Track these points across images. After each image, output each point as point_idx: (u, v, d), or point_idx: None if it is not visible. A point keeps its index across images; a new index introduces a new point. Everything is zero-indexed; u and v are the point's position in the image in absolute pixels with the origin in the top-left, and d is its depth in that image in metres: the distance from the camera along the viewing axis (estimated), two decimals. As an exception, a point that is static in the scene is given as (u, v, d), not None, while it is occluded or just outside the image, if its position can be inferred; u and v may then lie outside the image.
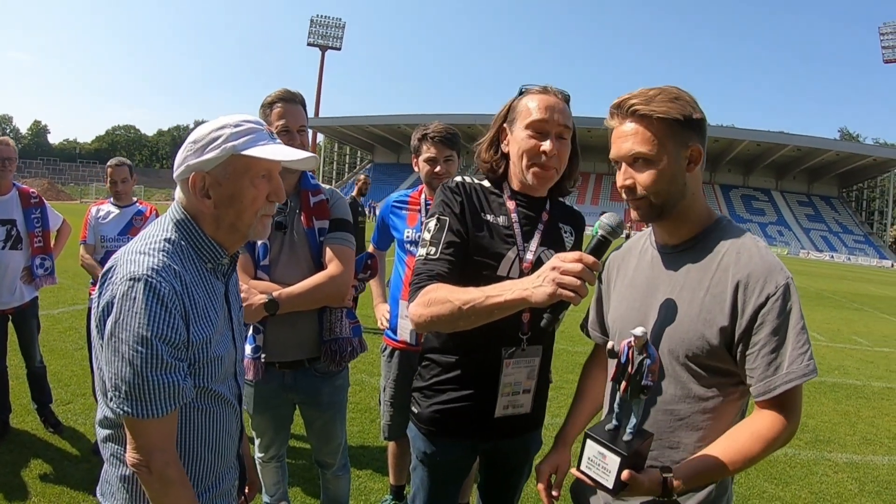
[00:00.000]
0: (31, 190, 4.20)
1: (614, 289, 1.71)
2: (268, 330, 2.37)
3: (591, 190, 71.10)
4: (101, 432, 1.42)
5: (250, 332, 2.35)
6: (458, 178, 1.92)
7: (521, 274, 1.78)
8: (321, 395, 2.54)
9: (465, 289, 1.58)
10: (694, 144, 1.45)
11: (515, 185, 1.91)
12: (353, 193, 7.72)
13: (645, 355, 1.35)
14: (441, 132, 2.96)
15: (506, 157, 1.90)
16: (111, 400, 1.29)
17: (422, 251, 1.78)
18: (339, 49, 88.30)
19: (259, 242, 2.34)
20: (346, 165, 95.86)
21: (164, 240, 1.36)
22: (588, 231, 1.78)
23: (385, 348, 3.18)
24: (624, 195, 1.51)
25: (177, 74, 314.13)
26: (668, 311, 1.48)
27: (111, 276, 1.30)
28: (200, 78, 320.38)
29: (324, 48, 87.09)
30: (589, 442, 1.39)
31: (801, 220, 68.57)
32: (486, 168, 1.93)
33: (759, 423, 1.37)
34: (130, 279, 1.26)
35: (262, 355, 2.37)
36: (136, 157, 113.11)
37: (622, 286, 1.67)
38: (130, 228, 4.18)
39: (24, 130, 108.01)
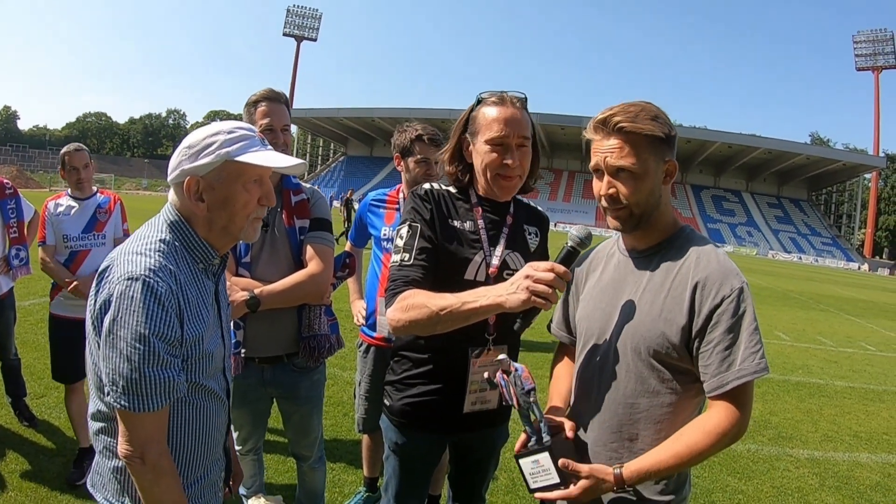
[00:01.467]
0: (5, 180, 4.12)
1: (583, 291, 1.80)
2: (248, 326, 2.42)
3: (564, 187, 71.81)
4: (94, 425, 1.47)
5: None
6: (427, 186, 2.00)
7: (488, 277, 1.89)
8: (299, 389, 2.61)
9: (442, 295, 1.67)
10: (670, 159, 1.58)
11: (480, 191, 1.99)
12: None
13: (512, 370, 1.54)
14: (433, 134, 3.02)
15: (470, 165, 1.98)
16: (108, 394, 1.34)
17: (395, 257, 1.86)
18: (315, 40, 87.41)
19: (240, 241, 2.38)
20: (319, 158, 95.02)
21: (160, 240, 1.42)
22: (554, 227, 1.88)
23: (361, 344, 3.24)
24: (604, 203, 1.60)
25: (149, 61, 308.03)
26: (632, 311, 1.59)
27: (108, 276, 1.36)
28: (174, 65, 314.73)
29: (299, 39, 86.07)
30: (521, 461, 1.55)
31: (771, 221, 70.06)
32: (453, 177, 2.00)
33: (708, 420, 1.48)
34: (128, 278, 1.32)
35: (243, 350, 2.43)
36: (107, 145, 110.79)
37: (590, 288, 1.77)
38: (95, 224, 3.76)
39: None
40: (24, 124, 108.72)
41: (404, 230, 1.89)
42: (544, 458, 1.48)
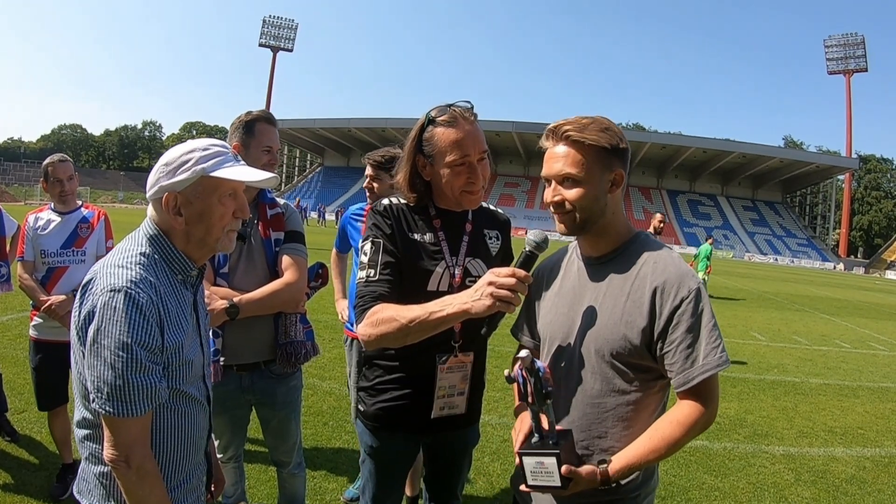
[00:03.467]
0: None
1: (544, 297, 1.87)
2: (226, 334, 2.50)
3: (540, 196, 71.96)
4: (80, 433, 1.54)
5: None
6: (386, 202, 2.03)
7: (451, 287, 1.95)
8: (276, 395, 2.70)
9: (409, 307, 1.73)
10: (617, 170, 1.65)
11: (439, 203, 2.04)
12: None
13: (535, 370, 1.55)
14: (379, 158, 3.40)
15: (427, 183, 2.00)
16: (93, 401, 1.42)
17: (361, 274, 1.91)
18: (291, 50, 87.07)
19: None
20: (296, 168, 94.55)
21: (140, 254, 1.51)
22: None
23: (346, 339, 3.68)
24: (552, 209, 1.69)
25: (123, 70, 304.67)
26: (594, 316, 1.67)
27: (92, 288, 1.43)
28: (150, 75, 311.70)
29: (275, 49, 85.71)
30: (525, 458, 1.58)
31: (746, 224, 71.08)
32: (413, 200, 2.02)
33: (679, 413, 1.58)
34: (111, 290, 1.40)
35: (221, 358, 2.50)
36: (82, 158, 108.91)
37: (551, 294, 1.84)
38: (76, 239, 3.58)
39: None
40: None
41: (367, 246, 1.95)
42: (550, 462, 1.53)
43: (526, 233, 1.75)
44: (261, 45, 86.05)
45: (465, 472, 2.34)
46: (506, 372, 1.63)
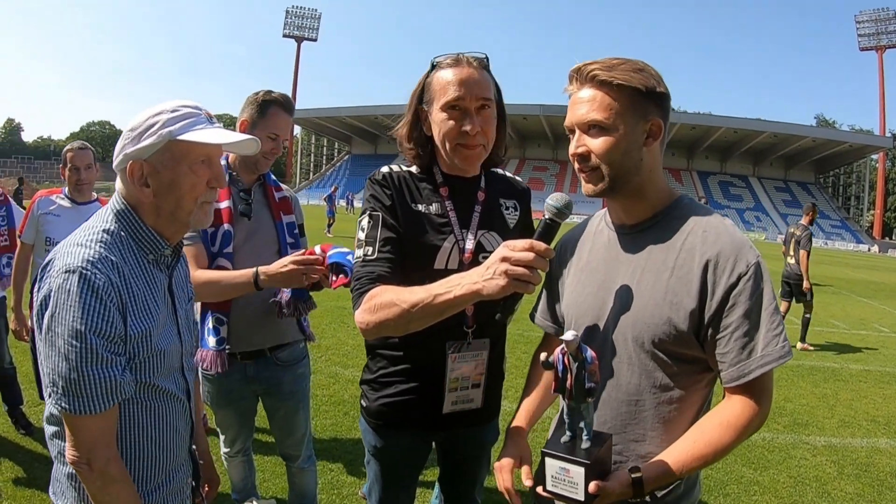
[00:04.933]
0: None
1: (568, 274, 1.62)
2: (231, 320, 2.38)
3: (570, 178, 71.07)
4: (49, 429, 1.41)
5: (212, 323, 2.35)
6: (385, 169, 1.81)
7: (461, 264, 1.72)
8: (282, 384, 2.57)
9: (411, 289, 1.49)
10: (654, 118, 1.38)
11: (445, 168, 1.80)
12: None
13: (581, 359, 1.28)
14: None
15: (430, 139, 1.79)
16: (50, 396, 1.27)
17: (359, 252, 1.70)
18: (315, 40, 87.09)
19: (222, 230, 2.35)
20: (324, 157, 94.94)
21: (103, 230, 1.34)
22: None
23: None
24: (576, 164, 1.43)
25: (152, 65, 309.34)
26: (630, 296, 1.41)
27: (49, 270, 1.28)
28: (176, 69, 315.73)
29: (299, 39, 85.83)
30: (548, 460, 1.33)
31: (779, 205, 69.41)
32: (412, 155, 1.81)
33: (729, 412, 1.33)
34: (65, 271, 1.25)
35: (227, 347, 2.38)
36: (111, 154, 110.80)
37: (577, 271, 1.59)
38: None
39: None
40: (28, 136, 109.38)
41: (364, 221, 1.72)
42: (577, 472, 1.28)
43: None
44: (285, 35, 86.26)
45: (484, 472, 2.10)
46: (543, 355, 1.36)
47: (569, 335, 1.26)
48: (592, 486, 1.25)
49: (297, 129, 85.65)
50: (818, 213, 8.90)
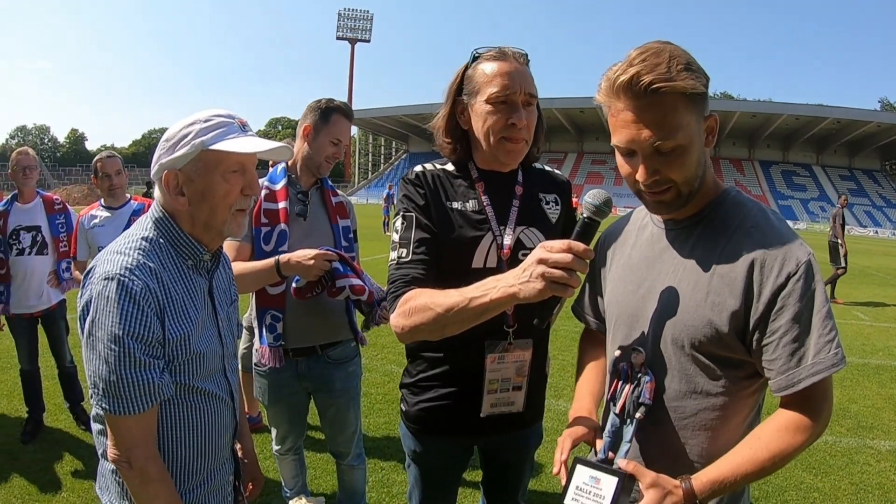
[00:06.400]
0: (55, 196, 4.32)
1: (610, 269, 1.55)
2: (287, 317, 2.46)
3: (614, 175, 69.74)
4: (95, 427, 1.48)
5: (269, 320, 2.45)
6: (419, 168, 1.78)
7: (500, 262, 1.67)
8: (334, 381, 2.62)
9: (446, 292, 1.46)
10: (710, 114, 1.28)
11: (481, 163, 1.76)
12: None
13: (644, 374, 1.25)
14: None
15: (466, 133, 1.75)
16: (92, 397, 1.34)
17: (393, 255, 1.68)
18: (369, 41, 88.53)
19: (278, 229, 2.44)
20: (382, 157, 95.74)
21: (142, 238, 1.39)
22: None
23: None
24: (642, 187, 1.29)
25: (209, 72, 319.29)
26: (671, 296, 1.33)
27: (91, 277, 1.34)
28: (233, 75, 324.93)
29: (353, 41, 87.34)
30: (579, 467, 1.27)
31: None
32: (449, 149, 1.77)
33: (786, 418, 1.23)
34: (105, 278, 1.30)
35: (283, 343, 2.46)
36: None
37: (619, 266, 1.51)
38: None
39: (61, 139, 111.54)
40: (92, 145, 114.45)
41: (398, 222, 1.70)
42: (608, 484, 1.20)
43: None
44: (338, 38, 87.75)
45: (527, 477, 2.05)
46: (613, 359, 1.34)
47: (638, 347, 1.28)
48: (649, 478, 1.19)
49: (355, 130, 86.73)
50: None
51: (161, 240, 1.41)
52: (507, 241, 1.69)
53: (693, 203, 1.34)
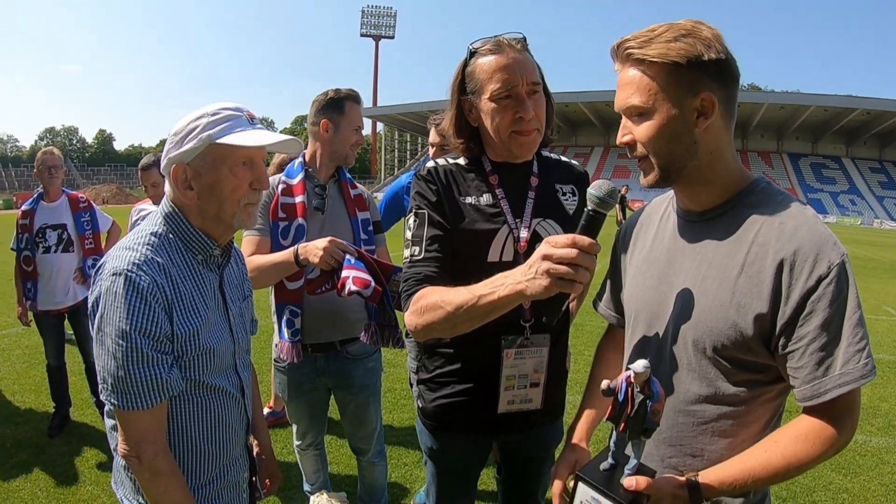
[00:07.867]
0: (81, 195, 4.41)
1: (631, 262, 1.49)
2: (305, 312, 2.45)
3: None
4: (108, 423, 1.49)
5: (287, 315, 2.43)
6: (431, 164, 1.75)
7: (516, 255, 1.64)
8: (353, 377, 2.61)
9: (456, 290, 1.44)
10: (704, 92, 1.18)
11: (493, 156, 1.73)
12: None
13: (647, 394, 1.14)
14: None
15: (476, 130, 1.72)
16: (102, 392, 1.33)
17: (406, 252, 1.65)
18: (393, 38, 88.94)
19: (296, 223, 2.42)
20: (407, 153, 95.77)
21: (151, 234, 1.40)
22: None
23: None
24: (628, 154, 1.30)
25: (234, 70, 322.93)
26: (693, 295, 1.26)
27: (101, 273, 1.34)
28: (258, 74, 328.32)
29: (377, 38, 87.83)
30: (581, 485, 1.22)
31: (874, 187, 64.54)
32: (462, 148, 1.75)
33: (806, 426, 1.17)
34: (113, 274, 1.30)
35: (301, 338, 2.45)
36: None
37: (639, 260, 1.45)
38: None
39: (90, 140, 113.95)
40: (119, 145, 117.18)
41: (411, 220, 1.68)
42: None
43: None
44: (362, 35, 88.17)
45: (547, 475, 1.99)
46: (604, 383, 1.22)
47: (639, 365, 1.13)
48: (642, 480, 1.15)
49: (381, 126, 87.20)
50: None
51: (171, 235, 1.41)
52: (524, 233, 1.66)
53: (713, 193, 1.28)
